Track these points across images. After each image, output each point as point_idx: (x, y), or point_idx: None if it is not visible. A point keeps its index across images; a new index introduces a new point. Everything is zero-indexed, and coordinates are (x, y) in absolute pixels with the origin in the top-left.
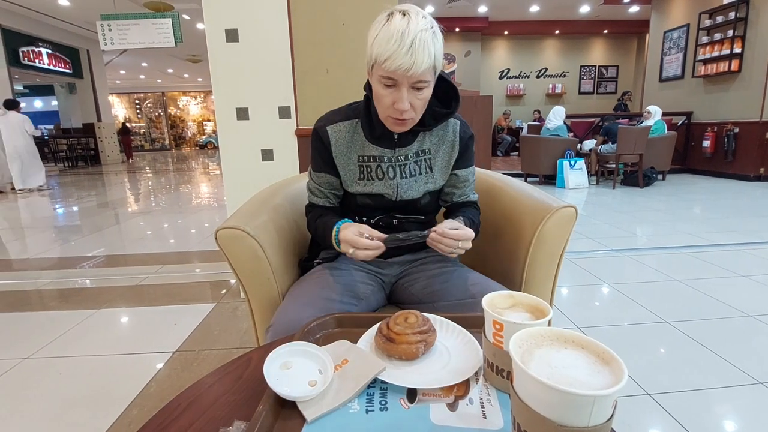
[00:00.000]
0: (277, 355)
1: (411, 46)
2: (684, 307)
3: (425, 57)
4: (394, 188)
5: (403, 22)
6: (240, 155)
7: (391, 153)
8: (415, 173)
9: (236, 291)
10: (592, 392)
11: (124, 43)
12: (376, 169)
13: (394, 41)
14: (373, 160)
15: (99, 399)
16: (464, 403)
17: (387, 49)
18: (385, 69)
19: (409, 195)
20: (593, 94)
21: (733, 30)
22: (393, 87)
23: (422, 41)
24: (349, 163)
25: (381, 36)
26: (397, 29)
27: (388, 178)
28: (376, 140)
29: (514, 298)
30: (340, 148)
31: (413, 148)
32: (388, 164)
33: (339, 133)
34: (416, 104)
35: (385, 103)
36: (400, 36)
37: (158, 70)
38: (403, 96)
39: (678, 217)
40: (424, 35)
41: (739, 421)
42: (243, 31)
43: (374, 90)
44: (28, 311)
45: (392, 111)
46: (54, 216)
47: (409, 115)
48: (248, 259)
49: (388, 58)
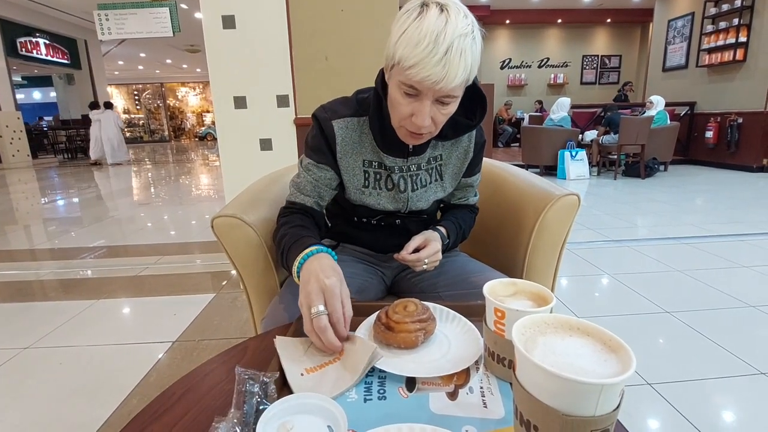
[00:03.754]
0: (271, 414)
1: (445, 55)
2: (685, 297)
3: (460, 69)
4: (404, 202)
5: (440, 21)
6: (238, 145)
7: (404, 162)
8: (426, 183)
9: (236, 281)
10: (600, 381)
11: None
12: (386, 179)
13: (425, 46)
14: (383, 168)
15: (99, 388)
16: (464, 392)
17: (415, 54)
18: (409, 77)
19: (419, 206)
20: (595, 84)
21: (739, 18)
22: (414, 97)
23: (459, 50)
24: (353, 167)
25: (410, 34)
26: (431, 30)
27: (398, 190)
28: (387, 147)
29: (516, 286)
30: (346, 148)
31: (425, 157)
32: (400, 175)
33: (346, 130)
34: (438, 119)
35: (402, 113)
36: (434, 40)
37: (157, 61)
38: (425, 110)
39: (679, 208)
40: (463, 42)
41: (739, 412)
42: (240, 18)
43: (390, 94)
44: (30, 301)
45: (409, 123)
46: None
47: (428, 130)
48: (245, 247)
49: (415, 65)
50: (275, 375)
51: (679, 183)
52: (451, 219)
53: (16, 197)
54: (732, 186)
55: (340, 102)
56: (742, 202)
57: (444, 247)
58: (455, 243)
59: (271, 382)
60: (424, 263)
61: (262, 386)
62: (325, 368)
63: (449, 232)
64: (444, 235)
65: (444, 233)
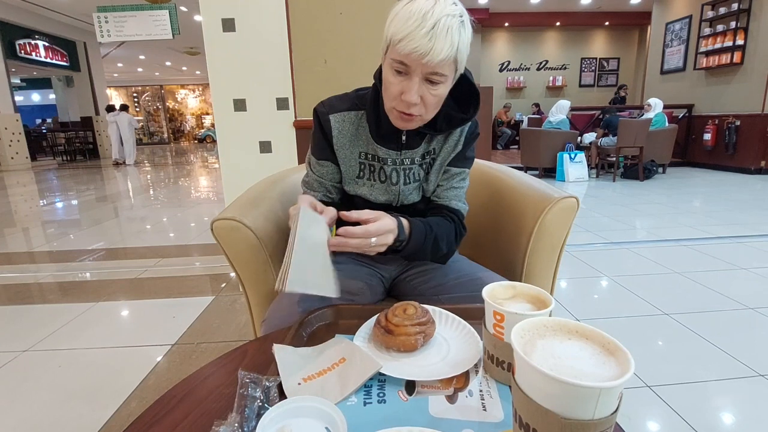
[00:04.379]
0: (270, 418)
1: (432, 29)
2: (684, 299)
3: (446, 44)
4: (396, 195)
5: (429, 3)
6: (238, 147)
7: (397, 155)
8: (419, 178)
9: (235, 284)
10: (598, 384)
11: (121, 36)
12: (379, 171)
13: (414, 20)
14: (376, 159)
15: (98, 391)
16: (464, 396)
17: (404, 29)
18: (399, 51)
19: (410, 200)
20: (594, 87)
21: (736, 21)
22: (404, 75)
23: (446, 26)
24: (350, 159)
25: (401, 14)
26: (420, 8)
27: (390, 183)
28: (381, 139)
29: (515, 289)
30: (342, 140)
31: (419, 151)
32: (392, 167)
33: (342, 123)
34: (428, 100)
35: (393, 92)
36: (422, 16)
37: (156, 63)
38: (413, 87)
39: (678, 209)
40: (450, 20)
41: (739, 414)
42: (240, 21)
43: (384, 76)
44: (29, 304)
45: (399, 103)
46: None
47: (418, 110)
48: (245, 250)
49: (404, 38)
50: (278, 379)
51: (678, 185)
52: (420, 219)
53: (15, 200)
54: (730, 188)
55: (339, 97)
56: (741, 204)
57: (400, 243)
58: (420, 247)
59: (273, 386)
60: (371, 241)
61: (264, 390)
62: (324, 376)
63: (413, 227)
64: (404, 225)
65: (405, 225)
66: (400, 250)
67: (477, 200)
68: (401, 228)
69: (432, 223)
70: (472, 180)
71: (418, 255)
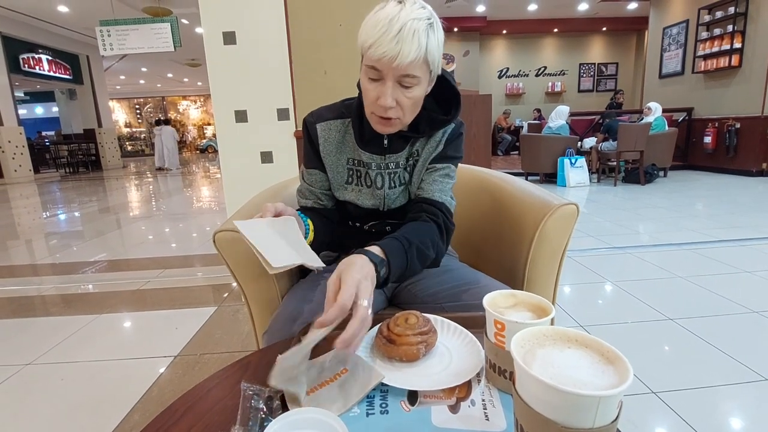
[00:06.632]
0: (273, 430)
1: (398, 33)
2: (688, 304)
3: (413, 47)
4: (381, 198)
5: (395, 9)
6: (239, 158)
7: (381, 159)
8: (404, 181)
9: (237, 294)
10: (597, 393)
11: (123, 49)
12: (365, 176)
13: (381, 26)
14: (362, 165)
15: (101, 404)
16: (466, 405)
17: (373, 34)
18: (370, 56)
19: (397, 204)
20: (593, 92)
21: (733, 25)
22: (378, 81)
23: (412, 29)
24: (338, 165)
25: (370, 22)
26: (387, 15)
27: (375, 187)
28: (365, 144)
29: (516, 297)
30: (328, 148)
31: (404, 155)
32: (377, 171)
33: (329, 132)
34: (404, 102)
35: (370, 97)
36: (389, 22)
37: (158, 75)
38: (387, 91)
39: (680, 213)
40: (416, 24)
41: (746, 419)
42: (240, 34)
43: (361, 83)
44: (32, 317)
45: (376, 107)
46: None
47: (395, 114)
48: (247, 261)
49: (373, 44)
50: (280, 391)
51: (679, 188)
52: (392, 235)
53: (18, 212)
54: (732, 191)
55: (327, 107)
56: (743, 207)
57: (382, 278)
58: (405, 265)
59: (276, 398)
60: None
61: (267, 402)
62: (327, 387)
63: (387, 250)
64: (374, 252)
65: (376, 251)
66: (389, 277)
67: (478, 208)
68: (371, 255)
69: (407, 234)
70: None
71: (407, 273)
